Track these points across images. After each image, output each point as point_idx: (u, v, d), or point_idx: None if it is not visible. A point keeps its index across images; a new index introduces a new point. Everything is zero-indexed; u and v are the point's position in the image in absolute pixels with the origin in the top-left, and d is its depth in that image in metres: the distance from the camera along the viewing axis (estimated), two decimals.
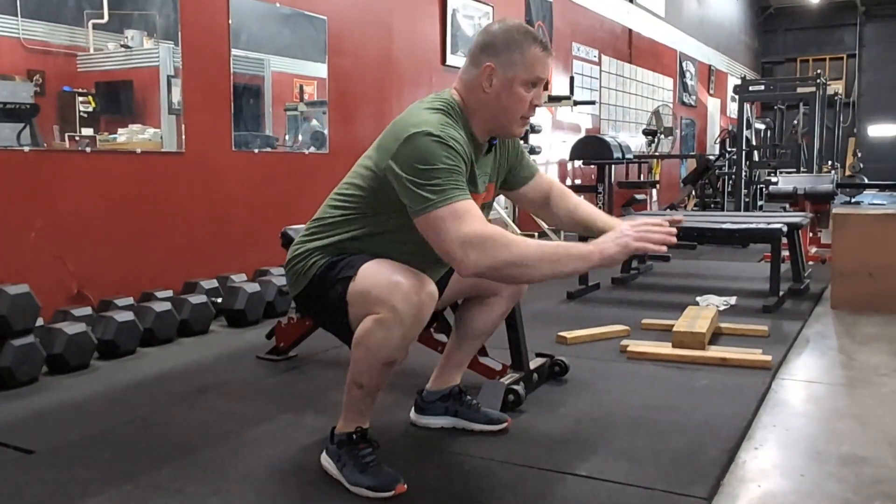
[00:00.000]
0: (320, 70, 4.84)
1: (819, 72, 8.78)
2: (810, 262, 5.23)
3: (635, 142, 9.70)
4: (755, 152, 9.17)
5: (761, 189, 8.58)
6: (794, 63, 17.12)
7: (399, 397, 2.40)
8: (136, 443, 2.16)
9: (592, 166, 6.71)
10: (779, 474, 1.95)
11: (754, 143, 9.26)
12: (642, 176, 9.13)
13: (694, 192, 8.80)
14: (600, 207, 6.06)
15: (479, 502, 1.82)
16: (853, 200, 9.47)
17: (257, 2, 4.35)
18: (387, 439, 2.04)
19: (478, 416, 2.21)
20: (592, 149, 6.41)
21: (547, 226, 6.47)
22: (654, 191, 9.42)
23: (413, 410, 2.28)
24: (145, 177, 3.74)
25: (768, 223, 4.19)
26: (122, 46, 3.64)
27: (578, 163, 7.40)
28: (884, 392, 2.61)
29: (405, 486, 1.80)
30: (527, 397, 2.42)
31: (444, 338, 2.54)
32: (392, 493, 1.78)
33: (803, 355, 3.11)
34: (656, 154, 9.58)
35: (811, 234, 5.84)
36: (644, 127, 9.90)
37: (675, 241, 1.73)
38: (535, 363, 2.63)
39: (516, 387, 2.38)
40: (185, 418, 2.37)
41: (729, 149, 8.95)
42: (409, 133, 1.71)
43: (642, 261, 5.33)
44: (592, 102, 8.26)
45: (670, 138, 9.86)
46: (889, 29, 16.31)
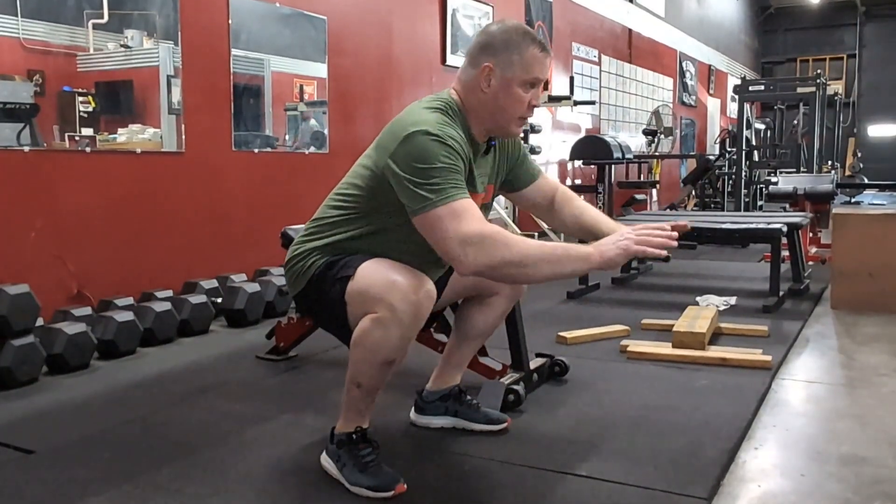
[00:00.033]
0: (320, 70, 4.84)
1: (819, 72, 8.78)
2: (810, 262, 5.23)
3: (635, 142, 9.70)
4: (755, 152, 9.16)
5: (761, 189, 8.58)
6: (794, 63, 17.12)
7: (399, 397, 2.40)
8: (136, 443, 2.16)
9: (592, 166, 6.72)
10: (779, 474, 1.95)
11: (754, 143, 9.25)
12: (642, 176, 9.13)
13: (694, 192, 8.79)
14: (600, 208, 6.05)
15: (479, 502, 1.82)
16: (853, 200, 9.48)
17: (257, 2, 4.35)
18: (387, 439, 2.04)
19: (478, 416, 2.21)
20: (592, 149, 6.41)
21: (547, 226, 6.47)
22: (654, 191, 9.43)
23: (413, 410, 2.28)
24: (145, 177, 3.74)
25: (768, 223, 4.19)
26: (122, 46, 3.64)
27: (578, 163, 7.40)
28: (884, 392, 2.61)
29: (405, 486, 1.80)
30: (527, 397, 2.42)
31: (444, 338, 2.54)
32: (392, 493, 1.78)
33: (803, 355, 3.12)
34: (656, 154, 9.58)
35: (811, 234, 5.84)
36: (644, 127, 9.90)
37: (675, 245, 1.73)
38: (535, 363, 2.63)
39: (516, 387, 2.38)
40: (185, 418, 2.37)
41: (729, 149, 8.95)
42: (407, 132, 1.71)
43: (642, 261, 5.32)
44: (592, 102, 8.26)
45: (670, 138, 9.86)
46: (889, 29, 16.30)
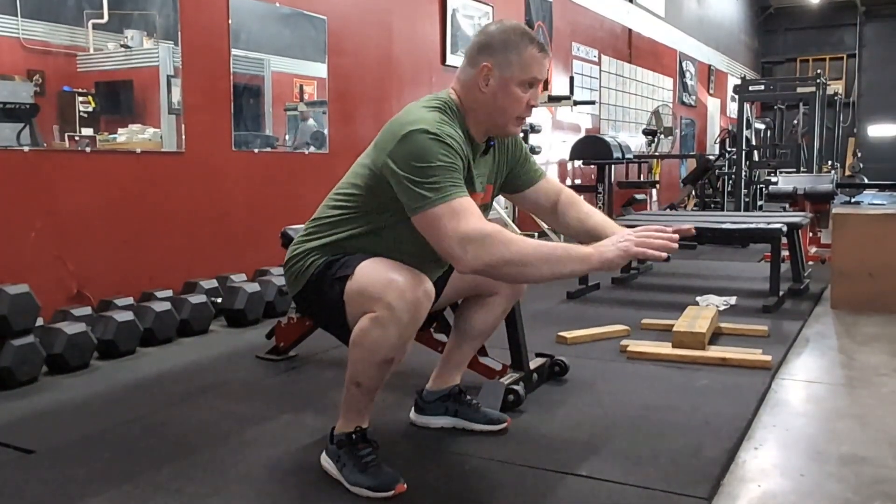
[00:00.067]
0: (320, 70, 4.84)
1: (819, 72, 8.77)
2: (810, 262, 5.23)
3: (635, 142, 9.70)
4: (755, 152, 9.16)
5: (761, 189, 8.57)
6: (794, 63, 17.11)
7: (399, 397, 2.40)
8: (136, 443, 2.16)
9: (592, 166, 6.72)
10: (779, 474, 1.95)
11: (754, 143, 9.25)
12: (642, 176, 9.13)
13: (694, 192, 8.78)
14: (600, 207, 6.05)
15: (479, 502, 1.82)
16: (853, 200, 9.47)
17: (257, 2, 4.35)
18: (387, 439, 2.04)
19: (478, 416, 2.21)
20: (592, 149, 6.41)
21: (547, 226, 6.47)
22: (653, 191, 9.43)
23: (413, 410, 2.28)
24: (145, 177, 3.74)
25: (768, 223, 4.19)
26: (121, 46, 3.64)
27: (578, 163, 7.40)
28: (884, 392, 2.61)
29: (405, 485, 1.80)
30: (527, 397, 2.42)
31: (443, 338, 2.53)
32: (392, 492, 1.78)
33: (803, 355, 3.11)
34: (656, 154, 9.58)
35: (811, 234, 5.84)
36: (644, 127, 9.90)
37: (676, 247, 1.72)
38: (535, 363, 2.63)
39: (516, 387, 2.38)
40: (185, 418, 2.37)
41: (729, 149, 8.94)
42: (406, 131, 1.71)
43: (642, 261, 5.32)
44: (592, 102, 8.26)
45: (670, 138, 9.86)
46: (889, 29, 16.30)
